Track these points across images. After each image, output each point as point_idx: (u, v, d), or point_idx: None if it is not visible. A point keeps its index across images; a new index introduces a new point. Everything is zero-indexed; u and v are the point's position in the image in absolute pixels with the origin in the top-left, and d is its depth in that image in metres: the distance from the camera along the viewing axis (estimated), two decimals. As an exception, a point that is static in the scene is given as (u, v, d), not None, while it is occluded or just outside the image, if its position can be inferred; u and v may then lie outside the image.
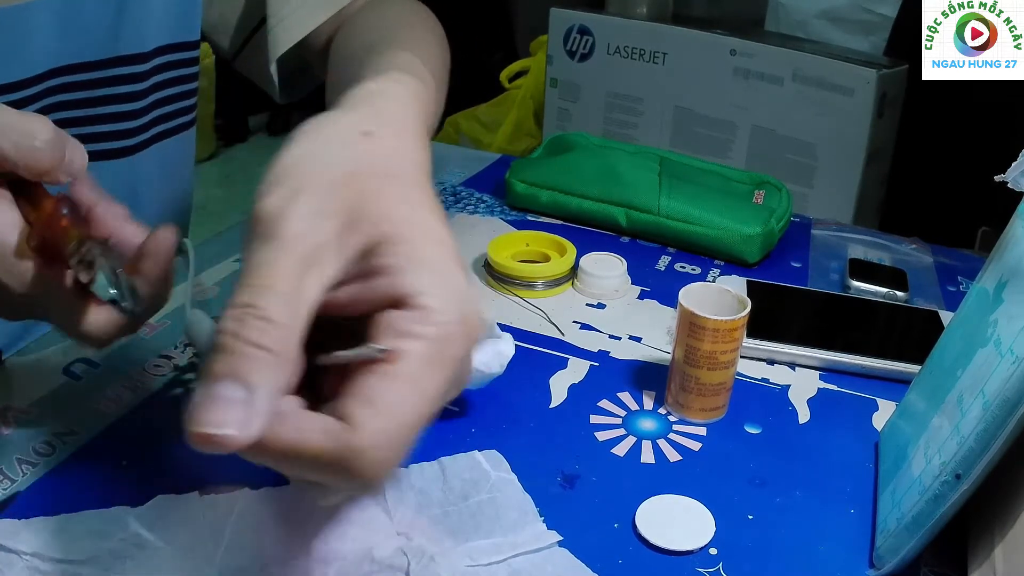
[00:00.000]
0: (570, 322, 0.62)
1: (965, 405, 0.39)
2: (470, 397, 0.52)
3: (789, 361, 0.58)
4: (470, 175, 0.87)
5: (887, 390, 0.56)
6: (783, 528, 0.44)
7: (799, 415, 0.53)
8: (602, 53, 1.52)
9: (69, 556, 0.39)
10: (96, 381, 0.52)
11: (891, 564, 0.40)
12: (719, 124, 1.43)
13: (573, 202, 0.76)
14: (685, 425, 0.51)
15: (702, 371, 0.50)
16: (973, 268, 0.73)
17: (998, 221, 0.45)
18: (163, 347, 0.56)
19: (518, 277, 0.65)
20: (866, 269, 0.70)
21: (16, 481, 0.44)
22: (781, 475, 0.48)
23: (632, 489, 0.46)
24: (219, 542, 0.40)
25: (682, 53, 1.44)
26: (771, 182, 0.76)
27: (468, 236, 0.74)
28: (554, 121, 1.62)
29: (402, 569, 0.39)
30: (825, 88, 1.30)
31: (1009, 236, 0.42)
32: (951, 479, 0.37)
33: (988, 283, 0.43)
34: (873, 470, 0.48)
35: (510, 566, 0.40)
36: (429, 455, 0.47)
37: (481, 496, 0.44)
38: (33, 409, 0.50)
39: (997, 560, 0.37)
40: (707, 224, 0.71)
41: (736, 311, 0.50)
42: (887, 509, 0.43)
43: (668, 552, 0.42)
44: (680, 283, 0.53)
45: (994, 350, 0.38)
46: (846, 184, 1.32)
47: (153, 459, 0.46)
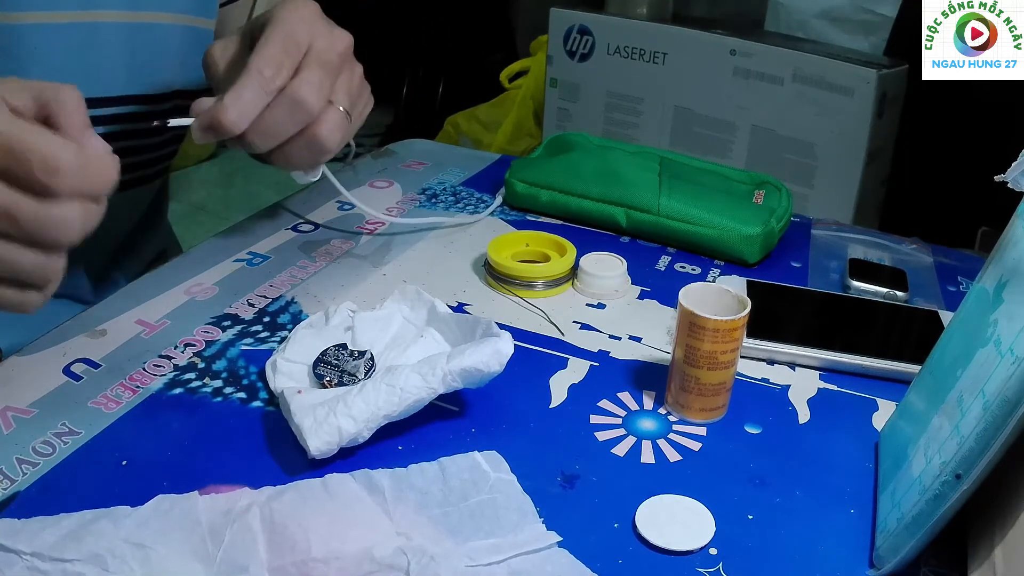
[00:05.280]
0: (570, 322, 0.62)
1: (965, 405, 0.39)
2: (470, 397, 0.52)
3: (789, 361, 0.58)
4: (470, 175, 0.87)
5: (887, 390, 0.56)
6: (783, 528, 0.44)
7: (799, 415, 0.53)
8: (602, 53, 1.52)
9: (69, 556, 0.39)
10: (96, 381, 0.52)
11: (891, 564, 0.40)
12: (719, 124, 1.43)
13: (573, 202, 0.76)
14: (685, 425, 0.51)
15: (702, 371, 0.50)
16: (973, 268, 0.73)
17: (998, 221, 0.45)
18: (163, 347, 0.56)
19: (518, 277, 0.65)
20: (866, 269, 0.70)
21: (16, 481, 0.44)
22: (781, 475, 0.48)
23: (632, 489, 0.46)
24: (219, 542, 0.40)
25: (682, 53, 1.44)
26: (771, 182, 0.76)
27: (468, 236, 0.74)
28: (554, 121, 1.62)
29: (402, 569, 0.39)
30: (825, 88, 1.30)
31: (1009, 236, 0.42)
32: (951, 479, 0.37)
33: (988, 283, 0.43)
34: (873, 470, 0.48)
35: (510, 566, 0.40)
36: (429, 455, 0.47)
37: (481, 496, 0.44)
38: (33, 409, 0.50)
39: (997, 560, 0.37)
40: (707, 224, 0.71)
41: (736, 311, 0.50)
42: (887, 509, 0.43)
43: (668, 552, 0.42)
44: (680, 283, 0.53)
45: (994, 350, 0.38)
46: (846, 184, 1.32)
47: (153, 459, 0.46)
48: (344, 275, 0.66)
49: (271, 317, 0.60)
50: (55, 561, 0.39)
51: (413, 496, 0.44)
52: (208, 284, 0.64)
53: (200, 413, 0.50)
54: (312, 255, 0.69)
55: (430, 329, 0.55)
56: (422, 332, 0.55)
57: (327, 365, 0.51)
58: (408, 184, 0.84)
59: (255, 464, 0.47)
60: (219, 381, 0.53)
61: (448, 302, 0.61)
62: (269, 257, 0.68)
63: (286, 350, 0.53)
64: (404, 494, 0.44)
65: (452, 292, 0.65)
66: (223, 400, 0.52)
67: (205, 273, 0.65)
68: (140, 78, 0.62)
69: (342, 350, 0.52)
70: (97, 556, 0.39)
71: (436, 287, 0.65)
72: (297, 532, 0.40)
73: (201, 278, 0.65)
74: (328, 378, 0.50)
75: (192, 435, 0.48)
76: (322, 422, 0.45)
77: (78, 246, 0.41)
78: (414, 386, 0.47)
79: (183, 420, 0.50)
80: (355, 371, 0.51)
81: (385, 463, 0.46)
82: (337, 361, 0.51)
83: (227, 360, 0.55)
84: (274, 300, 0.62)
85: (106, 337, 0.57)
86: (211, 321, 0.59)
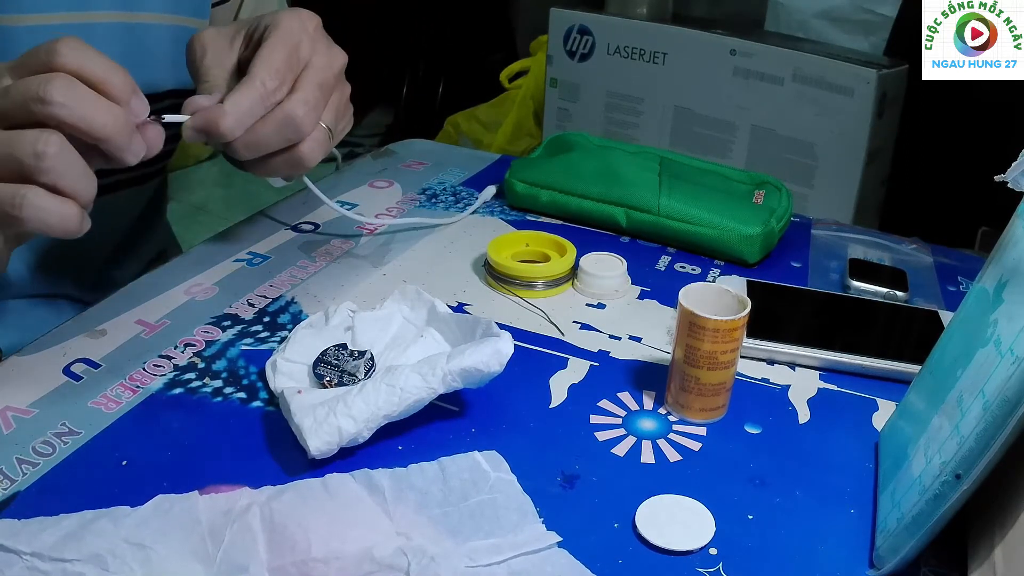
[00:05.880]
0: (570, 322, 0.62)
1: (965, 405, 0.39)
2: (469, 397, 0.52)
3: (789, 361, 0.58)
4: (470, 175, 0.87)
5: (887, 390, 0.56)
6: (783, 528, 0.44)
7: (799, 415, 0.53)
8: (602, 53, 1.52)
9: (69, 556, 0.39)
10: (96, 381, 0.52)
11: (891, 564, 0.40)
12: (719, 124, 1.43)
13: (573, 202, 0.76)
14: (685, 425, 0.51)
15: (702, 371, 0.50)
16: (973, 268, 0.73)
17: (998, 221, 0.45)
18: (163, 347, 0.56)
19: (518, 277, 0.65)
20: (866, 269, 0.70)
21: (16, 481, 0.44)
22: (781, 475, 0.48)
23: (632, 489, 0.46)
24: (219, 542, 0.40)
25: (682, 53, 1.44)
26: (771, 182, 0.76)
27: (468, 236, 0.74)
28: (554, 121, 1.63)
29: (402, 569, 0.39)
30: (825, 88, 1.30)
31: (1009, 236, 0.42)
32: (951, 479, 0.37)
33: (988, 283, 0.43)
34: (873, 470, 0.48)
35: (510, 567, 0.40)
36: (429, 455, 0.47)
37: (481, 496, 0.44)
38: (33, 409, 0.50)
39: (997, 560, 0.37)
40: (707, 224, 0.70)
41: (736, 311, 0.50)
42: (887, 509, 0.43)
43: (668, 552, 0.42)
44: (680, 283, 0.53)
45: (994, 350, 0.38)
46: (846, 184, 1.32)
47: (153, 459, 0.46)
48: (344, 275, 0.66)
49: (271, 317, 0.60)
50: (55, 561, 0.39)
51: (413, 496, 0.44)
52: (208, 284, 0.64)
53: (200, 413, 0.50)
54: (312, 255, 0.69)
55: (430, 329, 0.55)
56: (422, 332, 0.55)
57: (327, 365, 0.51)
58: (408, 184, 0.84)
59: (255, 464, 0.47)
60: (219, 381, 0.53)
61: (448, 302, 0.61)
62: (269, 257, 0.68)
63: (286, 350, 0.53)
64: (404, 494, 0.44)
65: (452, 292, 0.65)
66: (223, 400, 0.52)
67: (205, 273, 0.65)
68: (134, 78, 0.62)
69: (342, 350, 0.52)
70: (97, 556, 0.39)
71: (436, 287, 0.65)
72: (297, 532, 0.40)
73: (201, 278, 0.65)
74: (328, 378, 0.50)
75: (192, 435, 0.48)
76: (322, 422, 0.45)
77: (78, 241, 0.42)
78: (414, 386, 0.47)
79: (183, 420, 0.50)
80: (355, 371, 0.51)
81: (385, 463, 0.46)
82: (337, 361, 0.51)
83: (227, 360, 0.55)
84: (274, 300, 0.62)
85: (106, 337, 0.57)
86: (211, 321, 0.59)
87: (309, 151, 0.53)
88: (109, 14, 0.60)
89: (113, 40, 0.60)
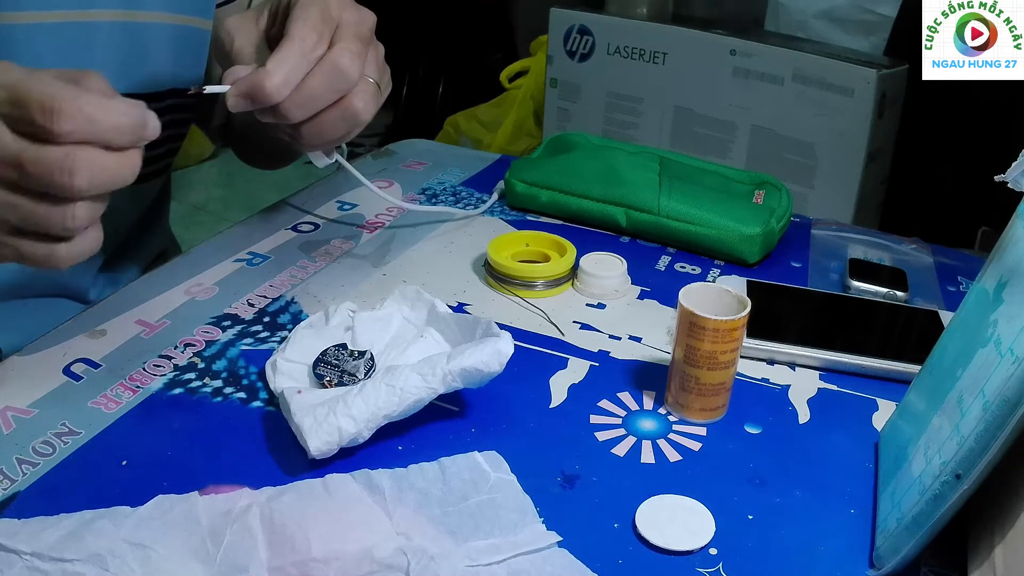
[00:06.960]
0: (570, 322, 0.62)
1: (965, 405, 0.39)
2: (469, 397, 0.52)
3: (789, 361, 0.58)
4: (470, 175, 0.87)
5: (887, 390, 0.56)
6: (783, 528, 0.44)
7: (799, 415, 0.53)
8: (602, 53, 1.52)
9: (69, 556, 0.39)
10: (96, 381, 0.52)
11: (891, 564, 0.40)
12: (719, 124, 1.43)
13: (573, 202, 0.76)
14: (685, 425, 0.51)
15: (702, 371, 0.50)
16: (973, 268, 0.73)
17: (998, 221, 0.45)
18: (163, 347, 0.56)
19: (518, 277, 0.65)
20: (866, 269, 0.70)
21: (16, 481, 0.44)
22: (781, 475, 0.48)
23: (632, 489, 0.46)
24: (219, 542, 0.40)
25: (682, 53, 1.44)
26: (771, 182, 0.76)
27: (468, 236, 0.74)
28: (554, 121, 1.63)
29: (402, 569, 0.39)
30: (825, 88, 1.30)
31: (1009, 236, 0.42)
32: (951, 479, 0.37)
33: (988, 283, 0.43)
34: (873, 470, 0.48)
35: (510, 566, 0.40)
36: (429, 455, 0.47)
37: (481, 496, 0.44)
38: (33, 409, 0.50)
39: (997, 560, 0.37)
40: (707, 224, 0.71)
41: (736, 311, 0.50)
42: (887, 509, 0.43)
43: (668, 552, 0.42)
44: (680, 283, 0.53)
45: (994, 350, 0.38)
46: (846, 184, 1.32)
47: (153, 459, 0.46)
48: (344, 275, 0.66)
49: (271, 317, 0.60)
50: (55, 561, 0.39)
51: (413, 496, 0.44)
52: (208, 284, 0.64)
53: (200, 413, 0.50)
54: (312, 255, 0.69)
55: (430, 329, 0.55)
56: (422, 332, 0.55)
57: (327, 365, 0.51)
58: (408, 184, 0.84)
59: (255, 464, 0.47)
60: (219, 381, 0.53)
61: (448, 302, 0.61)
62: (269, 257, 0.68)
63: (286, 350, 0.53)
64: (404, 494, 0.44)
65: (452, 292, 0.65)
66: (223, 400, 0.52)
67: (205, 273, 0.65)
68: (134, 77, 0.62)
69: (342, 350, 0.52)
70: (97, 556, 0.39)
71: (436, 287, 0.65)
72: (297, 532, 0.40)
73: (201, 278, 0.65)
74: (328, 378, 0.50)
75: (192, 435, 0.48)
76: (322, 422, 0.45)
77: None
78: (414, 386, 0.47)
79: (183, 420, 0.50)
80: (355, 371, 0.51)
81: (385, 463, 0.46)
82: (337, 361, 0.51)
83: (227, 360, 0.55)
84: (274, 300, 0.62)
85: (106, 337, 0.57)
86: (211, 321, 0.59)
87: (362, 103, 0.52)
88: (109, 12, 0.60)
89: (113, 39, 0.60)
